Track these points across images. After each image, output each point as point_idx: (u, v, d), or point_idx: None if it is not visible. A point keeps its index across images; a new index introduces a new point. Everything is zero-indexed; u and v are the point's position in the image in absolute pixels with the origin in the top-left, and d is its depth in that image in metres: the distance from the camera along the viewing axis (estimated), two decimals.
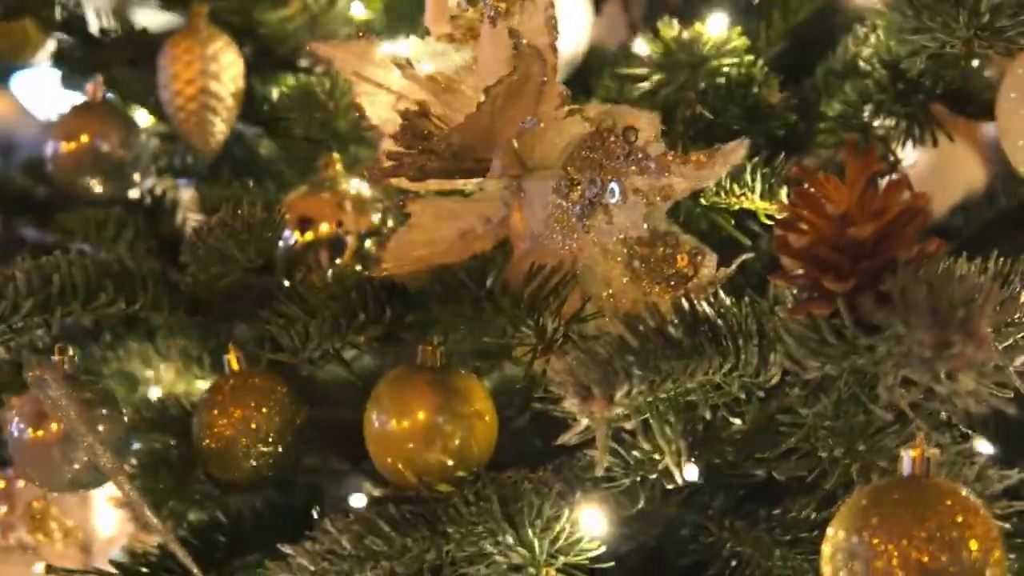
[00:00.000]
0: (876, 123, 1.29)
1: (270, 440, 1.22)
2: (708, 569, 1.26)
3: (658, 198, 0.99)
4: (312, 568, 1.04)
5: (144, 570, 1.27)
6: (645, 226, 1.01)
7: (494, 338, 1.04)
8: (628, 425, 1.00)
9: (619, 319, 0.99)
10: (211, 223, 1.11)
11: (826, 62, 1.33)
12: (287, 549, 1.06)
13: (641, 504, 1.11)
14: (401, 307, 1.12)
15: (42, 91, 4.33)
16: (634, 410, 0.97)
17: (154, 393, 1.48)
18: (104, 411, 1.19)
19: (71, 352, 1.18)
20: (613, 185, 1.01)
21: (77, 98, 1.52)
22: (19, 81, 4.51)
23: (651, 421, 0.97)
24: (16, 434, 1.21)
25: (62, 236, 1.43)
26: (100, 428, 1.17)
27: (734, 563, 1.24)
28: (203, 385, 1.47)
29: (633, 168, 1.00)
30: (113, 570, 1.29)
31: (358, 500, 1.13)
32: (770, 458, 1.05)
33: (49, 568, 1.37)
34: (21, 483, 1.53)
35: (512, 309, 1.03)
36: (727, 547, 1.24)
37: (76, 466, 1.19)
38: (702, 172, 0.97)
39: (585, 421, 0.93)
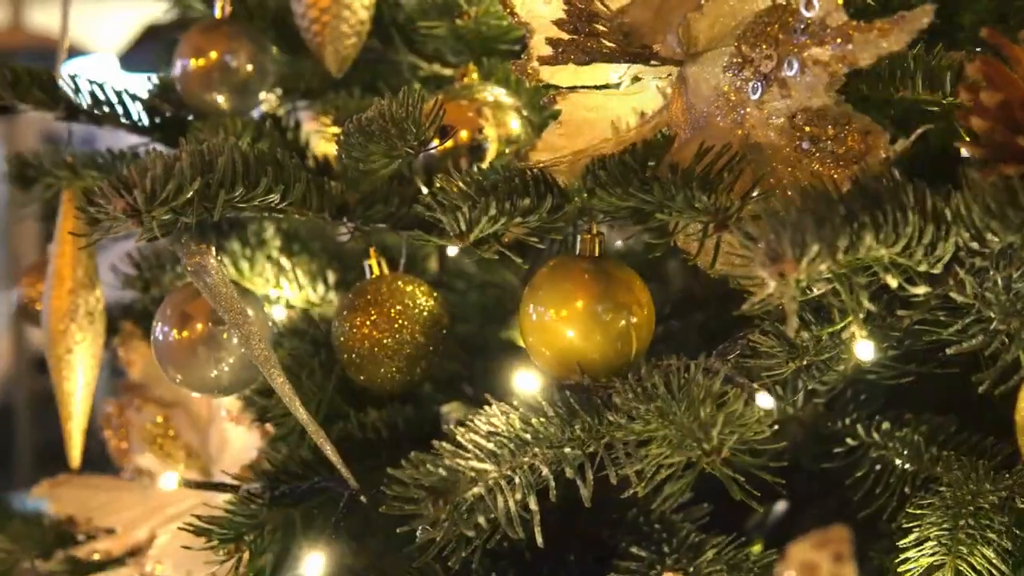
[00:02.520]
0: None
1: (417, 343, 1.22)
2: (851, 474, 1.25)
3: (841, 67, 0.99)
4: (483, 445, 1.03)
5: (283, 478, 1.27)
6: (826, 96, 1.00)
7: (663, 218, 1.04)
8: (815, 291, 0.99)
9: (796, 193, 0.99)
10: (369, 114, 1.11)
11: None
12: (455, 430, 1.06)
13: (802, 391, 1.10)
14: (559, 198, 1.11)
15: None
16: (818, 277, 0.96)
17: (278, 312, 1.48)
18: (252, 309, 1.19)
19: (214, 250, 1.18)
20: (791, 59, 1.01)
21: (137, 81, 1.52)
22: (70, 70, 4.55)
23: (837, 286, 0.97)
24: (160, 337, 1.21)
25: None
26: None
27: (879, 467, 1.23)
28: (327, 306, 1.48)
29: (812, 40, 1.00)
30: (253, 479, 1.29)
31: (524, 384, 1.13)
32: (944, 339, 1.04)
33: (185, 482, 1.37)
34: (134, 409, 1.52)
35: (683, 188, 1.02)
36: (872, 451, 1.24)
37: (222, 366, 1.20)
38: (885, 40, 0.97)
39: (773, 285, 0.93)
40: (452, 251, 1.58)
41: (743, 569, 1.18)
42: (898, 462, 1.21)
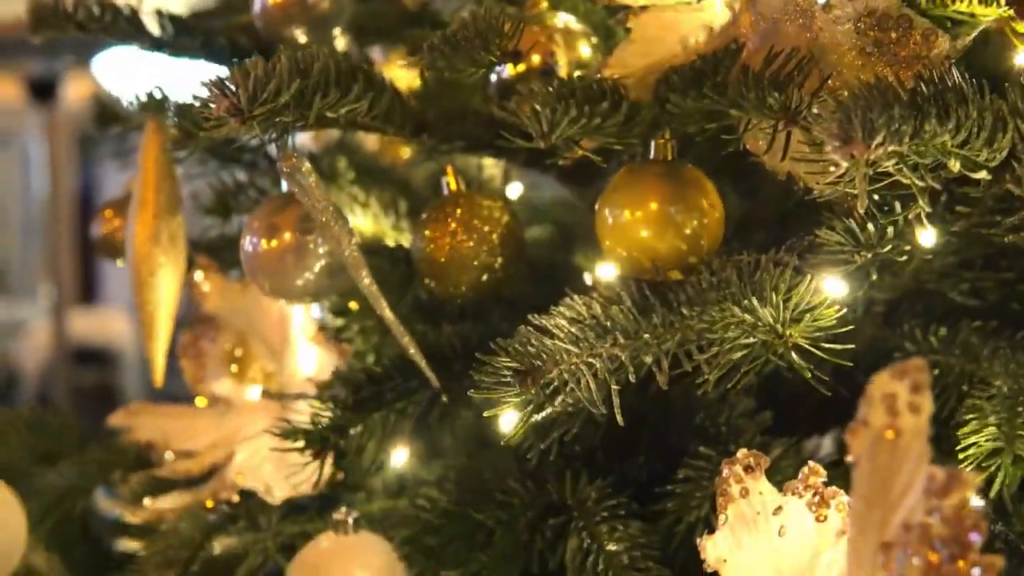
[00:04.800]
0: None
1: (494, 251, 1.28)
2: None
3: None
4: (567, 328, 1.09)
5: (365, 383, 1.33)
6: None
7: (736, 114, 1.10)
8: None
9: (863, 87, 1.05)
10: (454, 26, 1.18)
11: None
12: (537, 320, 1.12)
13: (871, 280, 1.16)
14: (632, 107, 1.17)
15: (122, 71, 4.43)
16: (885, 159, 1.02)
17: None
18: (340, 218, 1.25)
19: None
20: None
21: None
22: (100, 62, 4.62)
23: (903, 167, 1.02)
24: (250, 249, 1.27)
25: None
26: None
27: (936, 372, 1.29)
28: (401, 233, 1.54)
29: None
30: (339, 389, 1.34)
31: (605, 273, 1.19)
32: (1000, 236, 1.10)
33: (267, 393, 1.43)
34: (208, 339, 1.58)
35: (755, 88, 1.08)
36: (930, 356, 1.29)
37: (308, 274, 1.26)
38: None
39: (843, 167, 0.99)
40: (514, 193, 1.65)
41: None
42: (955, 364, 1.26)
